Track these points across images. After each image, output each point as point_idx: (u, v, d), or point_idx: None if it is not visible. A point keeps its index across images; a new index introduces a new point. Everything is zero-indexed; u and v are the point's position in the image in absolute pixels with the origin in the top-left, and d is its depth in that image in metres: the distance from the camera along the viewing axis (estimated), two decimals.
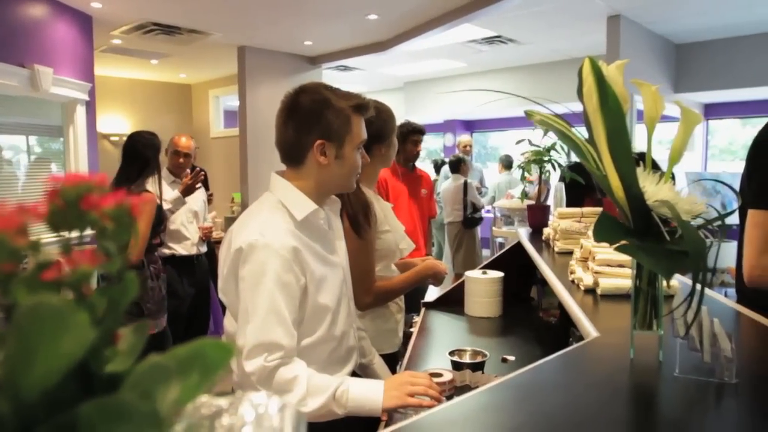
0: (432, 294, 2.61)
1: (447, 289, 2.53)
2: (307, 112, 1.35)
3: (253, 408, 0.31)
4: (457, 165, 6.02)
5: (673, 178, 0.97)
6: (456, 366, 1.64)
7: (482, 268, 2.52)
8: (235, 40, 6.30)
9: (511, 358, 1.83)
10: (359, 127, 1.40)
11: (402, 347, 2.05)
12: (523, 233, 2.76)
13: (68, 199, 0.30)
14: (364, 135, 1.42)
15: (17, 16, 4.28)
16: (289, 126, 1.37)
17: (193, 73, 8.16)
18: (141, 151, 3.02)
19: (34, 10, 4.46)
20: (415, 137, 3.79)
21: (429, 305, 2.46)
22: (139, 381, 0.27)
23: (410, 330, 2.20)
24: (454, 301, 2.41)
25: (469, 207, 5.81)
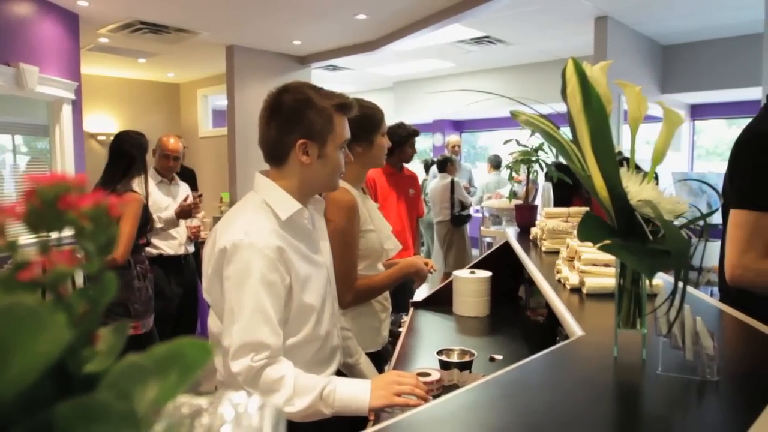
0: (421, 293, 2.62)
1: (435, 288, 2.54)
2: (290, 111, 1.35)
3: (233, 407, 0.31)
4: (444, 164, 6.06)
5: (656, 178, 0.98)
6: (444, 365, 1.65)
7: (470, 267, 2.52)
8: (224, 39, 6.28)
9: (499, 357, 1.83)
10: (342, 127, 1.40)
11: (390, 347, 2.05)
12: (511, 233, 2.77)
13: (46, 199, 0.29)
14: (347, 134, 1.43)
15: (2, 14, 4.23)
16: (272, 125, 1.37)
17: (181, 72, 8.12)
18: (127, 150, 3.00)
19: (20, 8, 4.42)
20: (413, 140, 3.82)
21: (417, 305, 2.46)
22: (116, 381, 0.27)
23: (399, 330, 2.20)
24: (442, 300, 2.41)
25: (457, 205, 5.84)
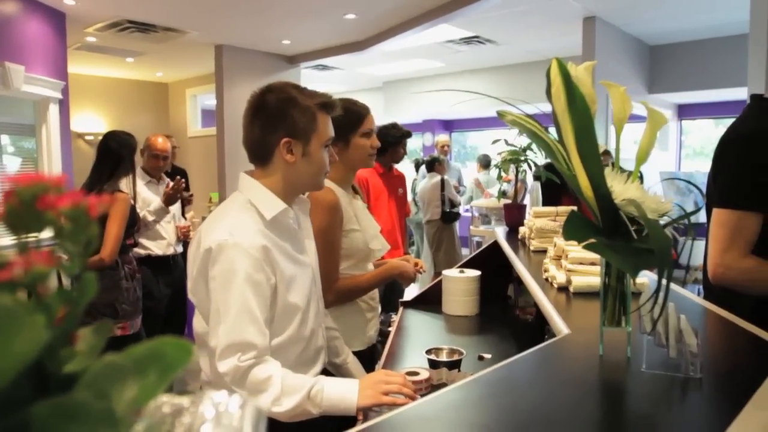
0: (410, 293, 2.62)
1: (425, 288, 2.54)
2: (273, 110, 1.35)
3: (214, 406, 0.31)
4: (432, 164, 6.09)
5: (641, 177, 0.99)
6: (433, 364, 1.65)
7: (459, 266, 2.53)
8: (212, 38, 6.25)
9: (488, 356, 1.84)
10: (325, 125, 1.40)
11: (380, 346, 2.05)
12: (499, 232, 2.78)
13: (24, 199, 0.29)
14: (331, 133, 1.43)
15: None
16: (255, 125, 1.37)
17: (169, 72, 8.07)
18: (115, 150, 2.98)
19: (6, 7, 4.37)
20: (405, 141, 3.86)
21: (407, 304, 2.47)
22: (94, 380, 0.27)
23: (388, 329, 2.20)
24: (431, 299, 2.42)
25: (447, 203, 5.87)
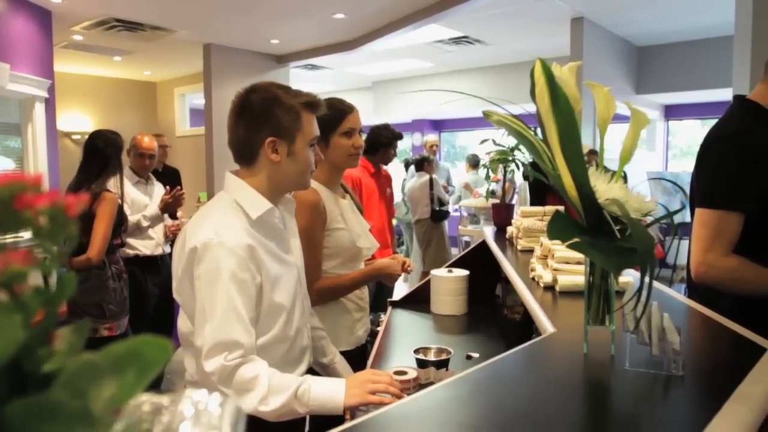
0: (399, 292, 2.63)
1: (414, 287, 2.55)
2: (258, 110, 1.35)
3: (193, 404, 0.32)
4: (421, 164, 6.11)
5: (624, 177, 1.00)
6: (421, 364, 1.65)
7: (448, 266, 2.54)
8: (201, 37, 6.22)
9: (476, 355, 1.85)
10: (310, 124, 1.40)
11: (369, 346, 2.05)
12: (488, 232, 2.80)
13: (1, 198, 0.29)
14: (316, 132, 1.43)
15: None
16: (240, 125, 1.37)
17: (157, 71, 8.02)
18: (102, 149, 2.96)
19: None
20: (396, 143, 3.89)
21: (396, 303, 2.47)
22: (70, 379, 0.27)
23: (377, 329, 2.20)
24: (420, 299, 2.43)
25: (436, 201, 5.89)
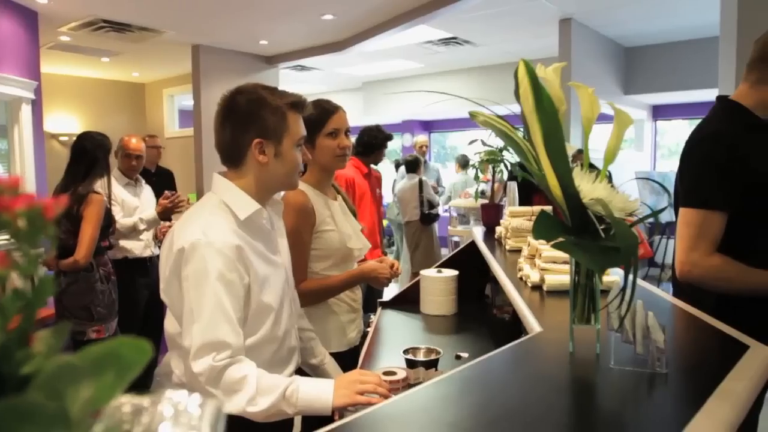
0: (389, 293, 2.63)
1: (403, 288, 2.55)
2: (244, 111, 1.35)
3: (173, 405, 0.32)
4: (414, 165, 6.10)
5: (609, 177, 1.01)
6: (410, 364, 1.65)
7: (438, 266, 2.55)
8: (189, 38, 6.20)
9: (465, 354, 1.85)
10: (297, 125, 1.40)
11: (359, 346, 2.05)
12: (477, 232, 2.80)
13: None
14: (303, 132, 1.43)
15: None
16: (227, 127, 1.37)
17: (146, 72, 7.98)
18: (90, 151, 2.95)
19: None
20: (387, 144, 3.95)
21: (385, 304, 2.48)
22: (47, 381, 0.27)
23: (367, 329, 2.20)
24: (410, 299, 2.43)
25: (426, 204, 5.88)
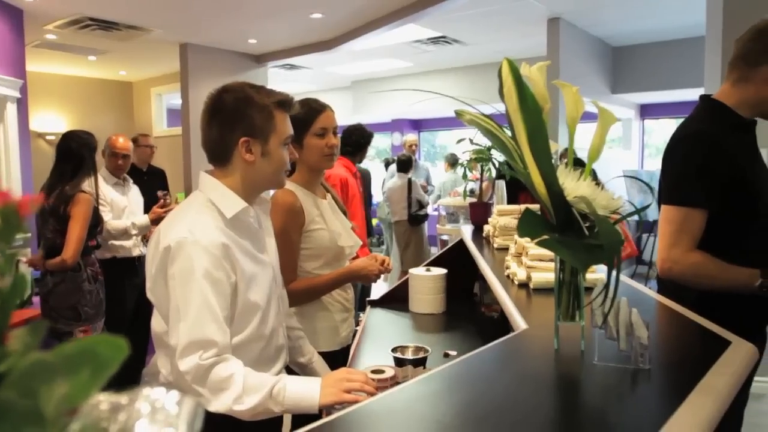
0: (378, 292, 2.63)
1: (392, 286, 2.56)
2: (231, 110, 1.35)
3: (149, 402, 0.32)
4: (406, 164, 6.06)
5: (594, 175, 1.02)
6: (398, 362, 1.66)
7: (426, 265, 2.55)
8: (177, 37, 6.16)
9: (453, 352, 1.86)
10: (284, 123, 1.40)
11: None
12: (466, 230, 2.81)
13: None
14: (290, 131, 1.43)
15: None
16: (213, 125, 1.37)
17: (133, 70, 7.92)
18: (76, 150, 2.93)
19: None
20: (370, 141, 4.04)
21: (374, 303, 2.48)
22: (20, 379, 0.27)
23: (356, 328, 2.21)
24: (399, 298, 2.43)
25: (414, 204, 5.87)
